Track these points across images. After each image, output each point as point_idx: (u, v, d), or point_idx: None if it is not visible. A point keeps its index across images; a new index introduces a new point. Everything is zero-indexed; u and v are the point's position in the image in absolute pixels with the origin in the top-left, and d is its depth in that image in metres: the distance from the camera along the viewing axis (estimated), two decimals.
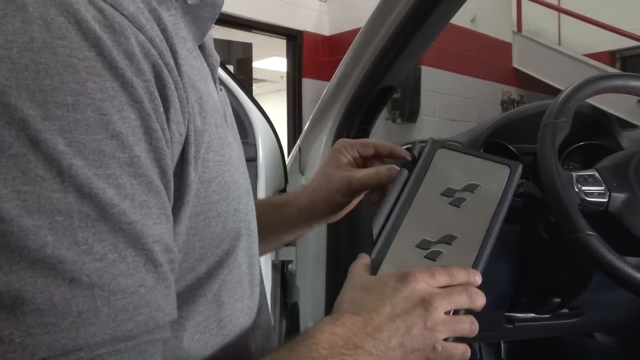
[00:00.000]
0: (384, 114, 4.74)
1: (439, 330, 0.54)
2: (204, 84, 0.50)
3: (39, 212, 0.34)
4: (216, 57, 0.57)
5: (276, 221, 0.82)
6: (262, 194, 1.15)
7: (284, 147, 1.28)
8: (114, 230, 0.37)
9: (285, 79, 5.98)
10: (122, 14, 0.40)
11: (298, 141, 1.34)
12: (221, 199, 0.50)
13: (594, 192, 0.83)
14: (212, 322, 0.52)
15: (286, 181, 1.24)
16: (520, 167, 0.69)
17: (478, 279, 0.59)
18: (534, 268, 0.98)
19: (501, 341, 1.51)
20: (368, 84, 1.14)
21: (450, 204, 0.65)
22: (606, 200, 0.83)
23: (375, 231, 0.64)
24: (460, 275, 0.58)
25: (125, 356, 0.37)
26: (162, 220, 0.40)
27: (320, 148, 1.21)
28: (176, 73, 0.44)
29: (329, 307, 1.05)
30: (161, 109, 0.41)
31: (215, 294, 0.52)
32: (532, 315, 1.08)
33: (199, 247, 0.49)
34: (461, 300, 0.56)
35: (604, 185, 0.84)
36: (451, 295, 0.56)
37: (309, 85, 5.65)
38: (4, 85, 0.35)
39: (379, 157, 0.79)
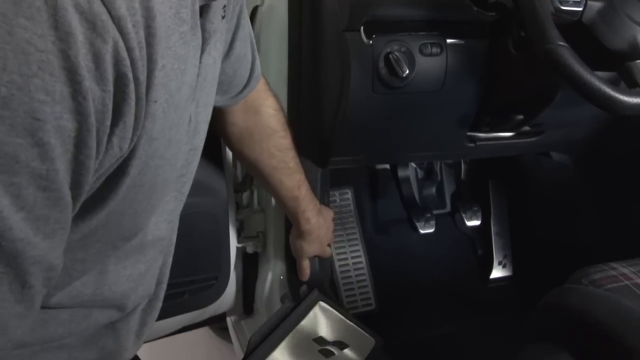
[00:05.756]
0: None
1: None
2: (180, 76, 0.45)
3: None
4: (216, 25, 0.52)
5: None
6: None
7: None
8: None
9: None
10: (109, 12, 0.34)
11: None
12: (144, 199, 0.49)
13: (570, 0, 0.78)
14: (88, 288, 0.53)
15: None
16: (382, 343, 0.81)
17: None
18: (500, 85, 0.96)
19: (462, 162, 1.55)
20: None
21: (319, 351, 0.75)
22: (581, 9, 0.78)
23: (253, 341, 0.74)
24: None
25: None
26: (56, 234, 0.37)
27: None
28: (143, 90, 0.39)
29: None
30: (108, 122, 0.37)
31: (101, 267, 0.53)
32: (494, 134, 1.08)
33: (103, 238, 0.48)
34: None
35: None
36: None
37: None
38: None
39: None
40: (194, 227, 0.89)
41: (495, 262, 1.49)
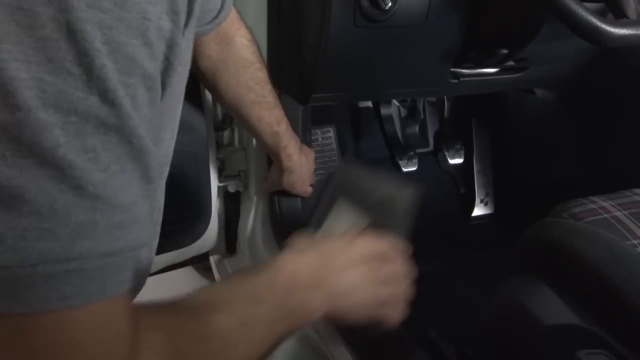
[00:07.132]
0: None
1: (380, 292, 0.62)
2: None
3: (55, 109, 0.31)
4: None
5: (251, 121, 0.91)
6: None
7: None
8: (123, 143, 0.35)
9: None
10: None
11: None
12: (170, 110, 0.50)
13: None
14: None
15: None
16: (415, 194, 0.80)
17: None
18: (485, 18, 0.94)
19: (445, 100, 1.53)
20: None
21: (364, 212, 0.76)
22: None
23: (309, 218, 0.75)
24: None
25: (108, 271, 0.36)
26: (165, 137, 0.41)
27: None
28: None
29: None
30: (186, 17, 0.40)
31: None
32: (478, 70, 1.07)
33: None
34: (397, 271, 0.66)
35: None
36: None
37: None
38: None
39: None
40: (172, 166, 0.88)
41: (478, 200, 1.50)
